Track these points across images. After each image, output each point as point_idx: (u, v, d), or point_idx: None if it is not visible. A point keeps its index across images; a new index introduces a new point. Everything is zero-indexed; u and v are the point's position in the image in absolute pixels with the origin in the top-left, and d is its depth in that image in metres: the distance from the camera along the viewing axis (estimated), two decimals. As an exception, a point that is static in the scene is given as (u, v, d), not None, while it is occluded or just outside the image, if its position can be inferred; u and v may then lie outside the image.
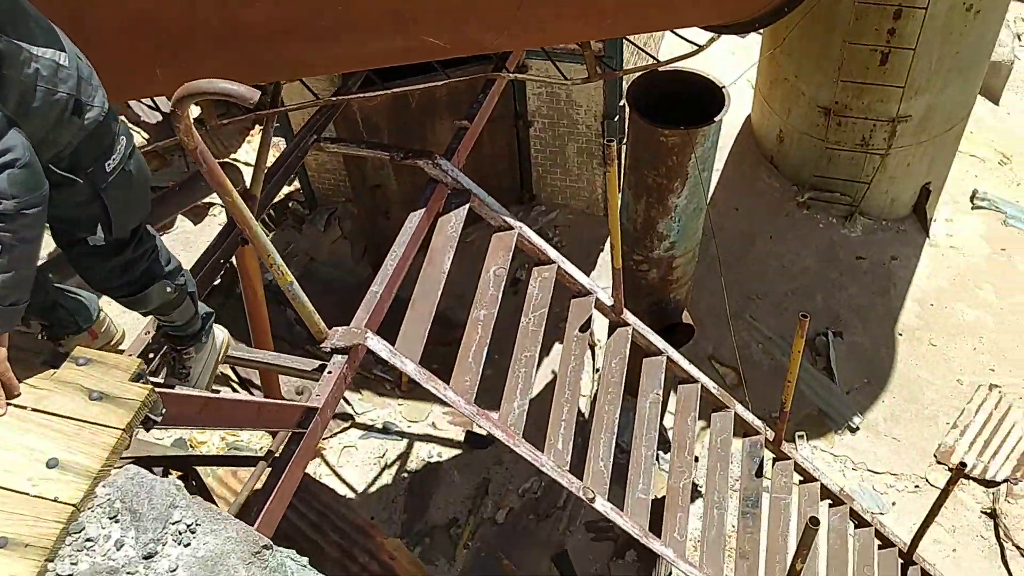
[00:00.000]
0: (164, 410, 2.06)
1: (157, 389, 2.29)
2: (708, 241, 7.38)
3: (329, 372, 3.53)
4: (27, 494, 1.73)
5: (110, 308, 3.01)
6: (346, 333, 3.63)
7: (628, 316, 4.95)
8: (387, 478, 8.14)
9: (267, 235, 9.79)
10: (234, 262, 4.85)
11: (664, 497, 4.88)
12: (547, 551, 7.35)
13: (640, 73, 5.85)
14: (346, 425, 8.57)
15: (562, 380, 4.46)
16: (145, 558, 1.66)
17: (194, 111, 5.34)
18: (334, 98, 4.75)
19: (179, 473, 6.11)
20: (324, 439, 8.62)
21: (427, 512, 7.87)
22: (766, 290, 8.58)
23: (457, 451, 8.25)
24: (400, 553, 6.64)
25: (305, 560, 2.18)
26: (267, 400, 3.13)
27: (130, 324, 3.22)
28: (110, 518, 1.71)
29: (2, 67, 1.97)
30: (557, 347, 7.90)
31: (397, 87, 4.98)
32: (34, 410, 1.87)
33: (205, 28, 3.54)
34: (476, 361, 4.02)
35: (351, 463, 8.26)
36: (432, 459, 8.26)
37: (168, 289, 2.77)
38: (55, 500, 1.72)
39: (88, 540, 1.68)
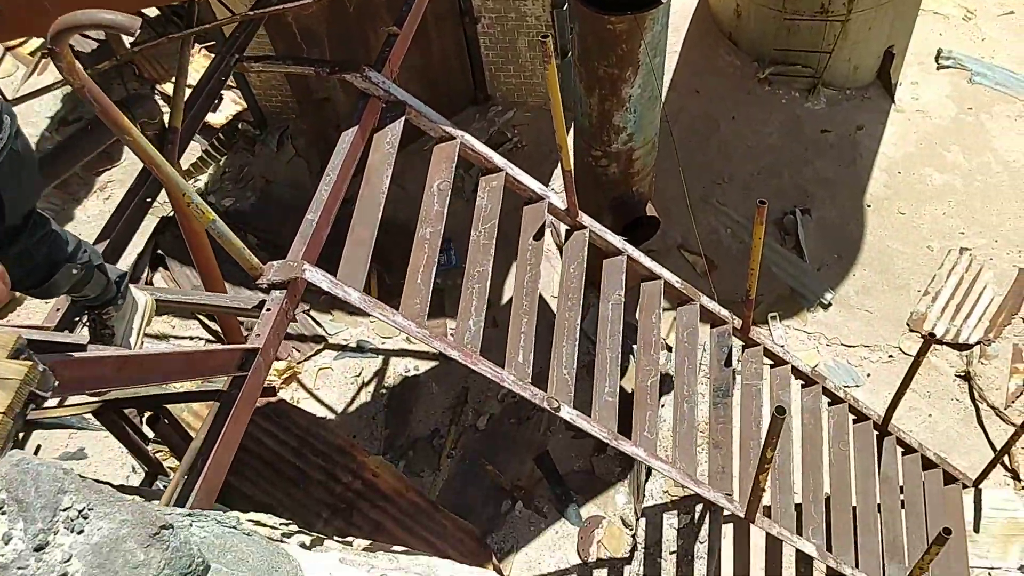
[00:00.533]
0: (56, 383, 1.92)
1: (60, 357, 2.15)
2: (667, 129, 7.17)
3: (268, 310, 3.39)
4: (-97, 495, 1.59)
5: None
6: (282, 267, 3.47)
7: (584, 218, 4.79)
8: (365, 396, 8.12)
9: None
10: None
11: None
12: (529, 453, 7.41)
13: (580, -44, 5.50)
14: (319, 347, 8.49)
15: (519, 291, 4.33)
16: (36, 550, 1.54)
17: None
18: (252, 12, 4.43)
19: (150, 413, 6.05)
20: (299, 363, 8.56)
21: (408, 426, 7.88)
22: (732, 172, 8.40)
23: (434, 363, 8.21)
24: (383, 469, 6.66)
25: (234, 519, 2.08)
26: (198, 348, 2.98)
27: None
28: (-4, 511, 1.59)
29: None
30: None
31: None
32: (-94, 400, 1.71)
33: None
34: (425, 282, 3.88)
35: (328, 384, 8.22)
36: (409, 373, 8.23)
37: (74, 271, 2.60)
38: (-66, 499, 1.59)
39: (-28, 538, 1.55)
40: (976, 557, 6.03)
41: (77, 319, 3.23)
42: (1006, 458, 6.54)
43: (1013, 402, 6.94)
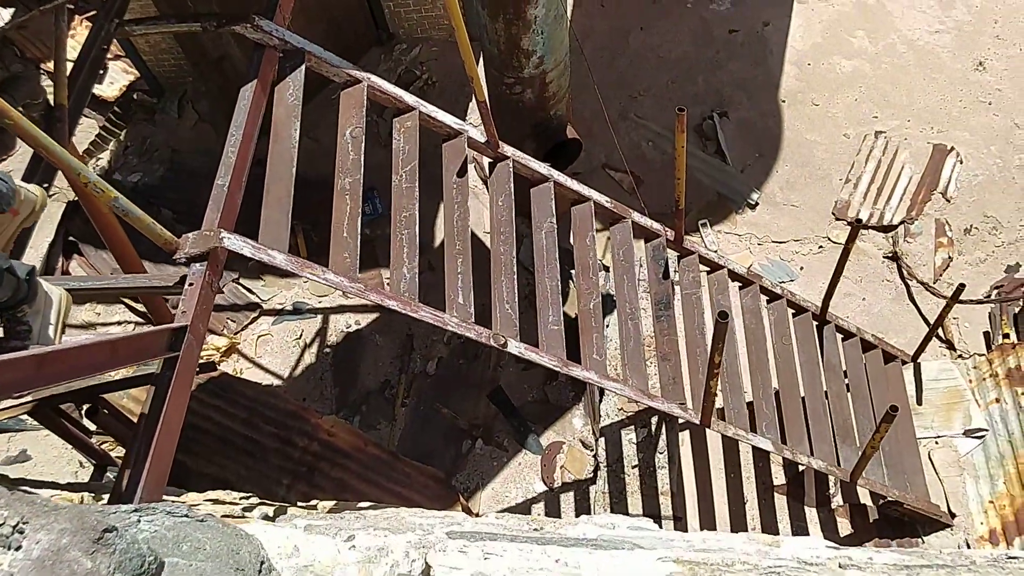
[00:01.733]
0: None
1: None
2: (577, 47, 7.04)
3: (190, 284, 3.24)
4: None
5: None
6: (198, 238, 3.31)
7: (505, 148, 4.69)
8: (309, 357, 7.99)
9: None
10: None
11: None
12: (482, 391, 7.41)
13: None
14: (255, 315, 8.29)
15: (450, 231, 4.24)
16: (-29, 576, 1.43)
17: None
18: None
19: (88, 405, 5.85)
20: (236, 333, 8.35)
21: (358, 381, 7.80)
22: (647, 84, 8.34)
23: (374, 315, 8.09)
24: (339, 427, 6.60)
25: (184, 508, 2.00)
26: (121, 335, 2.83)
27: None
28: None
29: None
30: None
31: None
32: None
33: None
34: (352, 234, 3.75)
35: (270, 351, 8.06)
36: (351, 328, 8.11)
37: None
38: None
39: (-102, 572, 1.44)
40: (921, 429, 6.27)
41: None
42: (940, 330, 6.77)
43: (940, 275, 7.17)
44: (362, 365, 7.87)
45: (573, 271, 7.12)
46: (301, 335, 8.10)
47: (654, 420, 6.52)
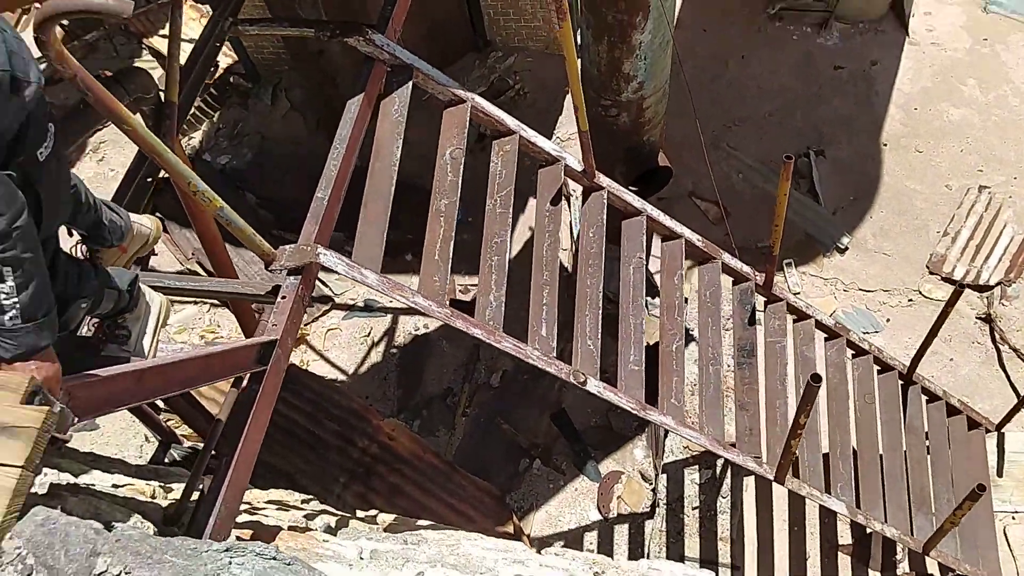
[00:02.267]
0: (75, 420, 1.78)
1: (76, 379, 2.00)
2: (677, 71, 6.90)
3: (283, 297, 3.23)
4: (-81, 563, 1.46)
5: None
6: (295, 252, 3.29)
7: (601, 179, 4.60)
8: (376, 356, 8.02)
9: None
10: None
11: (658, 344, 4.70)
12: (545, 410, 7.34)
13: None
14: (326, 308, 8.36)
15: (538, 260, 4.17)
16: (69, 624, 1.42)
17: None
18: (242, -27, 4.17)
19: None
20: (306, 324, 8.42)
21: (421, 385, 7.80)
22: (744, 115, 8.15)
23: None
24: (399, 432, 6.60)
25: (272, 552, 1.97)
26: (215, 349, 2.83)
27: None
28: (23, 578, 1.46)
29: None
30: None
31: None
32: (-87, 455, 1.57)
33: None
34: (443, 258, 3.71)
35: (337, 345, 8.11)
36: (419, 331, 8.12)
37: (83, 305, 2.44)
38: (-48, 566, 1.46)
39: (0, 610, 1.43)
40: (999, 502, 6.00)
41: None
42: (1029, 401, 6.46)
43: (1035, 343, 6.85)
44: (427, 370, 7.87)
45: (649, 299, 7.01)
46: (370, 333, 8.13)
47: (719, 461, 6.36)
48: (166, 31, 9.94)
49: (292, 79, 9.41)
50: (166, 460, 6.10)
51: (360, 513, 4.89)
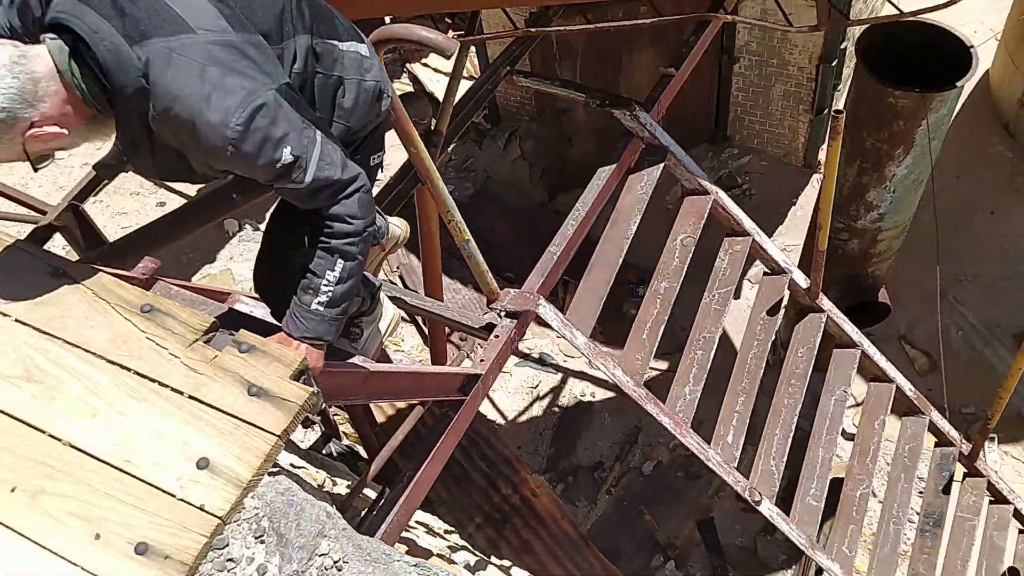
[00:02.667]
0: (322, 404, 1.92)
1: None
2: (922, 210, 6.61)
3: (496, 336, 3.34)
4: (173, 496, 1.62)
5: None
6: (517, 297, 3.42)
7: (823, 301, 4.47)
8: (538, 410, 8.08)
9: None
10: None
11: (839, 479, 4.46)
12: (692, 513, 7.11)
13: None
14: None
15: (741, 366, 4.09)
16: (285, 592, 1.52)
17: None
18: (533, 29, 4.43)
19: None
20: (469, 357, 8.62)
21: (574, 451, 7.77)
22: (978, 272, 7.67)
23: (611, 394, 8.05)
24: (543, 491, 6.60)
25: (451, 579, 2.02)
26: (429, 369, 2.98)
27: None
28: (256, 537, 1.58)
29: (324, 69, 2.06)
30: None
31: (603, 23, 4.58)
32: (191, 397, 1.75)
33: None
34: (651, 339, 3.72)
35: (504, 388, 8.24)
36: (585, 398, 8.12)
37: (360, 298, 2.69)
38: (201, 508, 1.60)
39: (230, 560, 1.56)
40: None
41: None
42: None
43: None
44: (583, 437, 7.84)
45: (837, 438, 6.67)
46: (537, 386, 8.22)
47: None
48: (427, 60, 10.63)
49: (529, 130, 9.79)
50: (324, 452, 6.40)
51: (495, 559, 4.92)
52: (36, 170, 1.79)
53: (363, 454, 6.46)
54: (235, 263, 8.63)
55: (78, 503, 1.61)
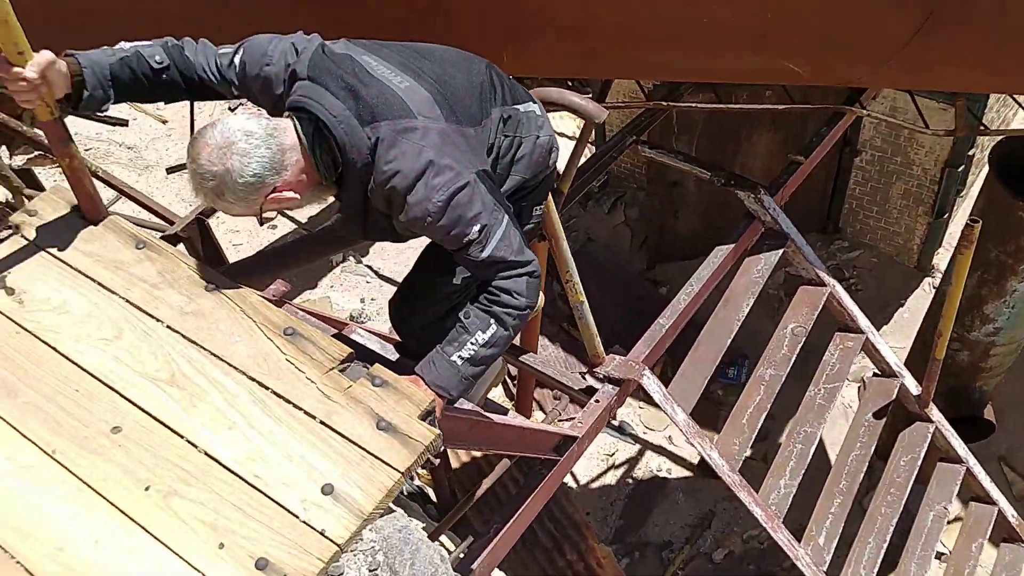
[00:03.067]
0: (441, 447, 1.95)
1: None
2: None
3: (596, 401, 3.34)
4: (296, 517, 1.66)
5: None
6: (622, 364, 3.40)
7: (933, 411, 4.32)
8: (611, 479, 7.95)
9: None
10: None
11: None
12: (760, 610, 6.84)
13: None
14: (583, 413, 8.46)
15: (840, 467, 3.97)
16: (391, 629, 1.53)
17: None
18: (665, 103, 4.48)
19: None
20: (560, 419, 8.58)
21: (643, 526, 7.60)
22: (1093, 400, 7.27)
23: (688, 473, 7.87)
24: (608, 562, 6.46)
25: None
26: (530, 425, 2.99)
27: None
28: (370, 571, 1.61)
29: (509, 132, 2.25)
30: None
31: (731, 102, 4.60)
32: (322, 423, 1.80)
33: (559, 19, 3.39)
34: (751, 426, 3.65)
35: (579, 452, 8.14)
36: (660, 473, 7.95)
37: None
38: (322, 533, 1.64)
39: (342, 589, 1.58)
40: None
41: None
42: None
43: None
44: (654, 513, 7.67)
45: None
46: (614, 454, 8.10)
47: None
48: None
49: (636, 197, 9.84)
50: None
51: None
52: (261, 224, 2.09)
53: (432, 497, 6.47)
54: (335, 292, 8.86)
55: (207, 510, 1.67)
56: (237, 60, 2.08)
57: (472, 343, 2.03)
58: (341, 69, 2.00)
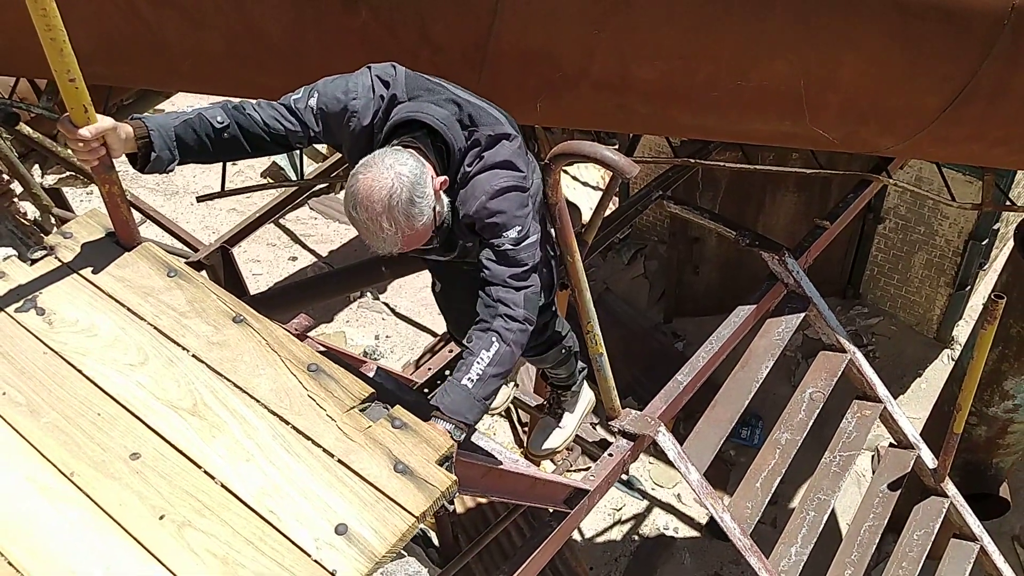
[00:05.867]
0: (456, 493, 1.93)
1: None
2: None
3: (610, 455, 3.31)
4: (308, 555, 1.65)
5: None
6: (638, 419, 3.38)
7: (949, 486, 4.25)
8: (617, 534, 7.85)
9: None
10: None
11: None
12: None
13: (1042, 210, 5.02)
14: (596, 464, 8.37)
15: (851, 537, 3.90)
16: None
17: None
18: (692, 160, 4.51)
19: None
20: (570, 470, 8.49)
21: (646, 584, 7.48)
22: (1111, 485, 7.14)
23: (695, 533, 7.76)
24: (609, 619, 6.36)
25: None
26: (543, 475, 2.96)
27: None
28: (378, 615, 1.59)
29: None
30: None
31: (763, 165, 4.63)
32: (340, 461, 1.80)
33: (596, 73, 3.44)
34: (765, 490, 3.60)
35: (586, 504, 8.05)
36: (667, 532, 7.84)
37: (563, 352, 3.02)
38: (332, 573, 1.62)
39: (351, 632, 1.56)
40: None
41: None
42: None
43: None
44: (659, 572, 7.54)
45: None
46: (621, 508, 8.00)
47: None
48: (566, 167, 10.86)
49: (656, 250, 9.85)
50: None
51: None
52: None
53: (435, 540, 6.40)
54: (350, 327, 8.88)
55: (219, 543, 1.66)
56: (313, 103, 2.18)
57: (478, 363, 2.08)
58: (433, 83, 2.22)
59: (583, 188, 10.03)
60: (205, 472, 1.77)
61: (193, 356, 1.96)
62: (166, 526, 1.69)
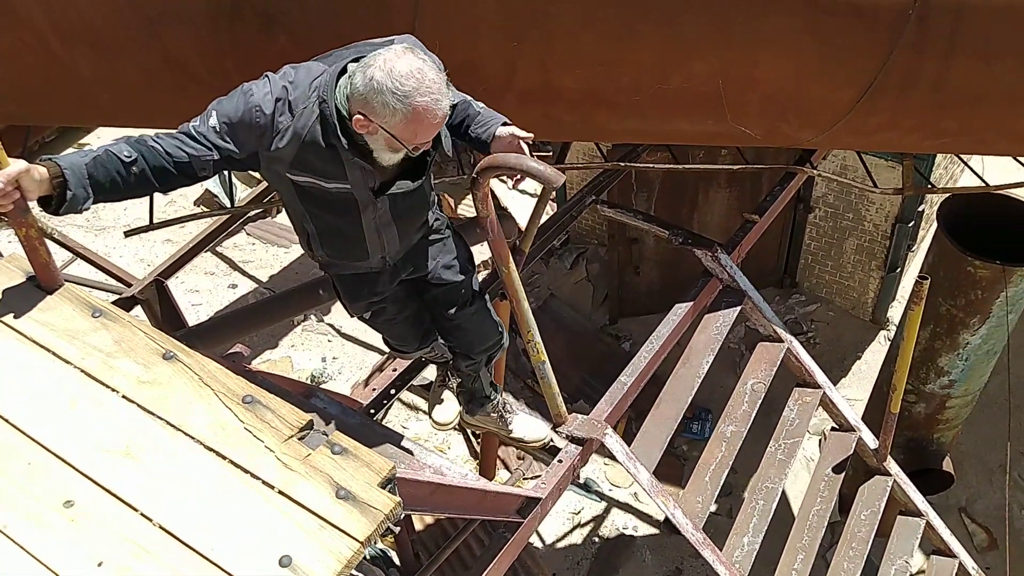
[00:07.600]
0: (402, 515, 1.93)
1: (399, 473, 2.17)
2: (993, 382, 6.46)
3: (560, 461, 3.34)
4: (253, 590, 1.63)
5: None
6: (585, 424, 3.41)
7: (891, 464, 4.37)
8: (577, 537, 7.87)
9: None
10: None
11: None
12: (728, 670, 6.75)
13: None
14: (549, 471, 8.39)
15: (802, 523, 3.99)
16: None
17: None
18: (622, 164, 4.57)
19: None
20: (525, 478, 8.50)
21: (610, 586, 7.51)
22: (1048, 449, 7.41)
23: (654, 530, 7.83)
24: (575, 623, 6.38)
25: None
26: (492, 487, 2.97)
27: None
28: (329, 644, 1.58)
29: None
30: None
31: (687, 162, 4.71)
32: (280, 492, 1.78)
33: (519, 84, 3.47)
34: (714, 483, 3.66)
35: (545, 511, 8.06)
36: (627, 531, 7.90)
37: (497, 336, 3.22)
38: (278, 608, 1.61)
39: (301, 664, 1.55)
40: None
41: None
42: None
43: None
44: (621, 572, 7.56)
45: None
46: (580, 512, 8.03)
47: None
48: (504, 177, 10.94)
49: (597, 253, 9.94)
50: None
51: None
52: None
53: (396, 560, 6.35)
54: (295, 351, 8.78)
55: (162, 587, 1.63)
56: (214, 122, 2.16)
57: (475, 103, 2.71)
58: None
59: (522, 197, 10.08)
60: (142, 515, 1.73)
61: (123, 397, 1.93)
62: (105, 574, 1.65)
